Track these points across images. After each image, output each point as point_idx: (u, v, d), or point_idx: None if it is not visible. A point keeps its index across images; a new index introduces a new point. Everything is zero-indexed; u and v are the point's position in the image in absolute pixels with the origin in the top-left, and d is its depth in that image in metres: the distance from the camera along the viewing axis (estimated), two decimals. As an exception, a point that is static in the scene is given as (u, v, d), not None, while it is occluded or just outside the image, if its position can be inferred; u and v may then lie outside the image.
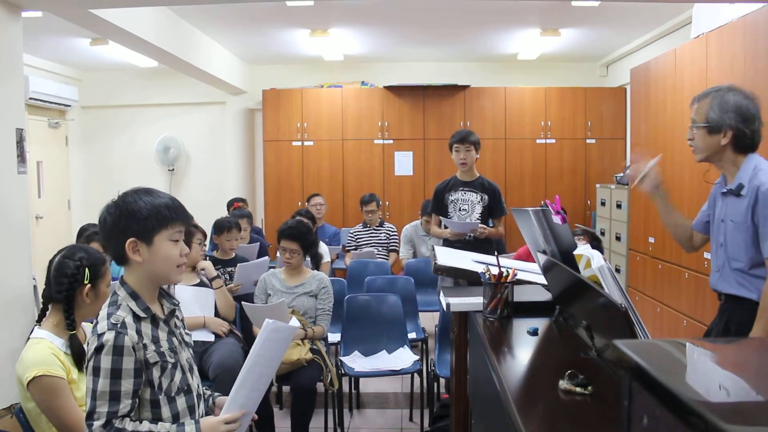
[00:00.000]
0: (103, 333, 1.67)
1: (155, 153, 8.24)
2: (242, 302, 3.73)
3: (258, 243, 5.20)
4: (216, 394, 2.04)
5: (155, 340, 1.75)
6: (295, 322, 2.10)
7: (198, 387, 1.90)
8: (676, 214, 2.71)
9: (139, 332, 1.71)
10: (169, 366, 1.76)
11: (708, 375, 1.07)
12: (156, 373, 1.72)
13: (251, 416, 1.91)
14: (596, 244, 4.32)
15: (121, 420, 1.65)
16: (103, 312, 1.74)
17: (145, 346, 1.70)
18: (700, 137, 2.45)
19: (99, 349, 1.65)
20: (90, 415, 1.65)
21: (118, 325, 1.68)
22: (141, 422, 1.69)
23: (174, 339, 1.83)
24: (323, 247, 5.08)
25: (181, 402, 1.78)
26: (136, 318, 1.73)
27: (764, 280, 2.32)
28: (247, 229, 5.42)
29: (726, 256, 2.46)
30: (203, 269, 3.92)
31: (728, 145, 2.40)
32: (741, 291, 2.41)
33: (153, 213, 1.74)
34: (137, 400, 1.70)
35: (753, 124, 2.39)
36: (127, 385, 1.66)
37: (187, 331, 1.96)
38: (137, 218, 1.73)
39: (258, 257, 5.12)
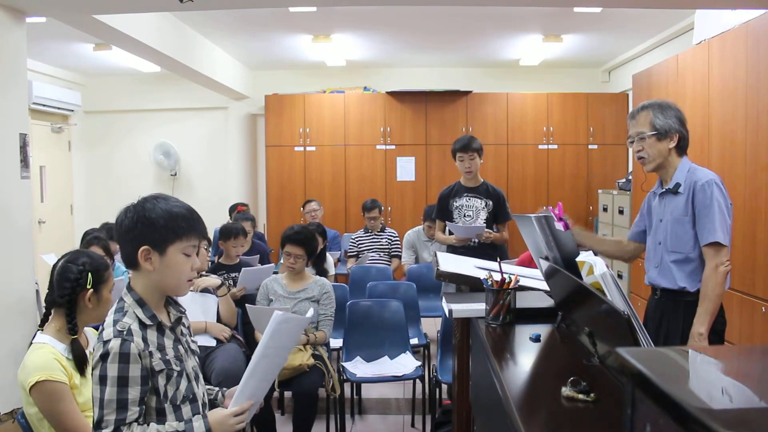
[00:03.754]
0: (109, 340, 1.65)
1: (157, 158, 8.25)
2: (246, 305, 3.73)
3: (258, 255, 5.20)
4: (224, 389, 2.04)
5: (161, 348, 1.74)
6: (310, 313, 2.11)
7: (203, 396, 1.89)
8: (603, 240, 3.01)
9: (145, 339, 1.70)
10: (175, 374, 1.75)
11: (711, 382, 1.06)
12: (162, 381, 1.71)
13: (258, 404, 1.90)
14: None
15: (129, 426, 1.65)
16: (110, 318, 1.72)
17: (151, 354, 1.69)
18: (650, 145, 2.61)
19: (105, 357, 1.64)
20: (98, 424, 1.64)
21: (124, 332, 1.66)
22: (148, 425, 1.68)
23: (180, 347, 1.82)
24: (329, 262, 5.09)
25: (186, 410, 1.77)
26: (142, 325, 1.72)
27: (701, 270, 2.53)
28: (250, 233, 5.43)
29: (665, 251, 2.63)
30: (207, 286, 3.85)
31: (674, 149, 2.60)
32: (679, 283, 2.58)
33: (169, 223, 1.73)
34: (144, 408, 1.69)
35: (687, 127, 2.63)
36: (134, 392, 1.65)
37: (193, 339, 1.96)
38: (153, 227, 1.72)
39: (259, 263, 5.11)
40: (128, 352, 1.64)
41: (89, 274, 2.29)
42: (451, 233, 4.27)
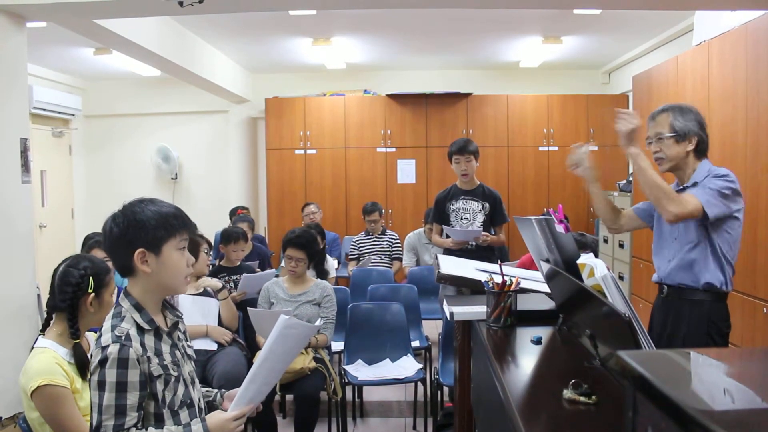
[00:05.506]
0: (107, 345, 1.65)
1: (158, 162, 8.26)
2: (247, 308, 3.73)
3: (258, 260, 5.20)
4: (223, 390, 2.04)
5: (158, 353, 1.73)
6: (320, 322, 2.18)
7: (200, 400, 1.89)
8: (605, 197, 2.96)
9: (143, 344, 1.69)
10: (173, 379, 1.75)
11: (712, 384, 1.06)
12: (159, 386, 1.71)
13: (256, 406, 1.91)
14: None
15: (127, 431, 1.65)
16: (107, 324, 1.72)
17: (149, 359, 1.69)
18: (668, 147, 2.61)
19: (103, 362, 1.64)
20: (96, 430, 1.64)
21: (123, 338, 1.66)
22: (146, 430, 1.68)
23: (177, 352, 1.81)
24: (330, 263, 5.09)
25: (184, 416, 1.77)
26: (140, 330, 1.72)
27: (706, 261, 2.53)
28: (249, 235, 5.43)
29: (680, 245, 2.62)
30: (208, 286, 3.88)
31: (692, 151, 2.61)
32: (689, 278, 2.56)
33: (161, 222, 1.73)
34: (142, 413, 1.69)
35: (706, 131, 2.64)
36: (132, 398, 1.64)
37: (189, 343, 1.95)
38: (146, 228, 1.72)
39: (259, 267, 5.12)
40: (127, 357, 1.64)
41: (90, 279, 2.29)
42: (447, 236, 4.27)
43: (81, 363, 2.27)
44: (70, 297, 2.26)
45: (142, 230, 1.72)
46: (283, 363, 1.93)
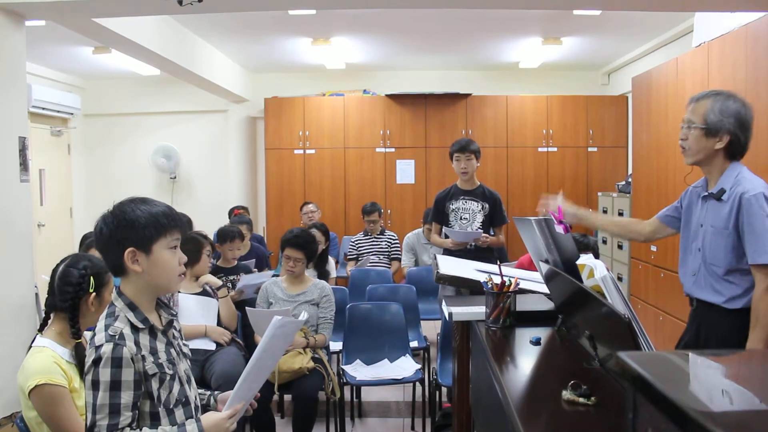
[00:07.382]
0: (101, 345, 1.64)
1: (157, 161, 8.25)
2: (246, 308, 3.73)
3: (255, 259, 5.20)
4: (216, 393, 2.04)
5: (153, 352, 1.73)
6: (303, 317, 2.27)
7: (196, 399, 1.89)
8: (611, 221, 2.76)
9: (137, 343, 1.69)
10: (168, 378, 1.74)
11: (711, 385, 1.06)
12: (155, 384, 1.70)
13: (248, 403, 1.93)
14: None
15: (121, 431, 1.64)
16: (101, 323, 1.71)
17: (143, 358, 1.69)
18: (694, 139, 2.38)
19: (97, 362, 1.63)
20: (90, 429, 1.64)
21: (116, 337, 1.66)
22: (141, 430, 1.68)
23: (172, 350, 1.81)
24: (331, 264, 5.10)
25: (179, 414, 1.77)
26: (134, 329, 1.71)
27: (736, 286, 2.31)
28: (247, 236, 5.43)
29: (703, 260, 2.41)
30: (207, 283, 3.90)
31: (721, 150, 2.37)
32: (714, 297, 2.36)
33: (151, 222, 1.73)
34: (137, 413, 1.68)
35: (747, 132, 2.38)
36: (126, 397, 1.64)
37: (184, 341, 1.95)
38: (135, 227, 1.71)
39: (257, 266, 5.12)
40: (120, 357, 1.64)
41: (91, 278, 2.29)
42: (447, 237, 4.27)
43: (83, 362, 2.26)
44: (71, 297, 2.26)
45: (131, 230, 1.71)
46: (273, 360, 1.96)
